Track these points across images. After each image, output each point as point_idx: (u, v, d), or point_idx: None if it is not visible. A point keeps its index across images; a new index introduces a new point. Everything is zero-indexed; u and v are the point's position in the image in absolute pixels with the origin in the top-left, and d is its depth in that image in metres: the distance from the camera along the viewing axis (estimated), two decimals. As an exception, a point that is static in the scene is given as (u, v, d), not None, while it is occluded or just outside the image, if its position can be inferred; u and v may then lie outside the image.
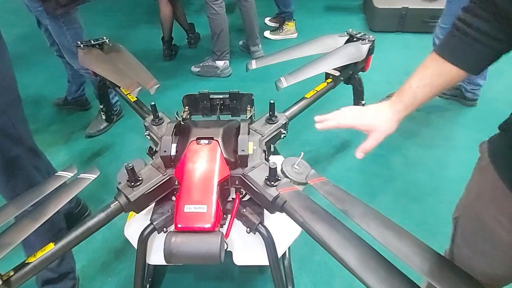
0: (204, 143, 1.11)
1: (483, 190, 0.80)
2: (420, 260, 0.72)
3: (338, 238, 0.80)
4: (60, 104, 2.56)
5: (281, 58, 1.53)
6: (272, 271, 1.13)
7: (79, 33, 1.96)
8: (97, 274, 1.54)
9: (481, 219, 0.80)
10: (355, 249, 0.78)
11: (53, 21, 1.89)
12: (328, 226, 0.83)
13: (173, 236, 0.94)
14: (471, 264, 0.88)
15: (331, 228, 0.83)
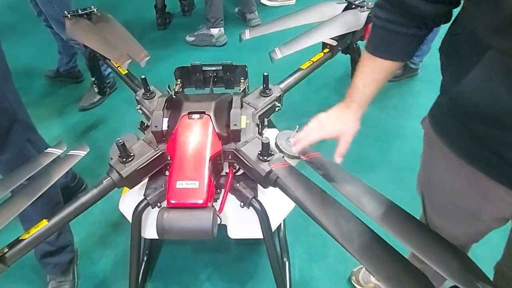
0: (195, 118, 1.09)
1: (437, 163, 0.84)
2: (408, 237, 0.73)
3: (329, 214, 0.80)
4: (52, 76, 2.51)
5: (277, 28, 1.48)
6: (266, 244, 1.14)
7: (65, 2, 1.89)
8: (95, 247, 1.56)
9: (442, 189, 0.85)
10: (346, 225, 0.78)
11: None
12: (320, 202, 0.83)
13: (165, 212, 0.94)
14: (443, 230, 0.92)
15: (323, 204, 0.83)
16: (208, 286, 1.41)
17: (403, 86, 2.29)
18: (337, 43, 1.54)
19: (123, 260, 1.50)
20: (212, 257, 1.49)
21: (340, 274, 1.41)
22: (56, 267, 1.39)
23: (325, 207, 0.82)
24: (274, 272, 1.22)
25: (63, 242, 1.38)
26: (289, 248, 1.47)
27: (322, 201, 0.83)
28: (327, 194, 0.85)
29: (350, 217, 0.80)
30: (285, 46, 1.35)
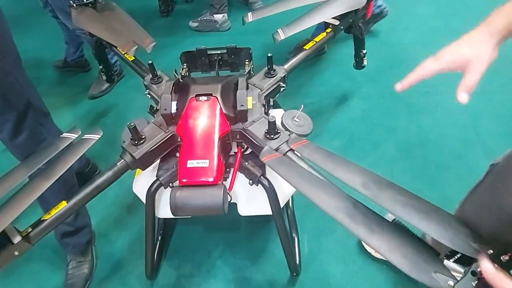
0: (203, 100, 1.12)
1: None
2: (404, 209, 0.75)
3: (326, 199, 0.83)
4: (60, 66, 2.55)
5: (279, 9, 1.49)
6: (275, 219, 1.18)
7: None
8: (111, 229, 1.62)
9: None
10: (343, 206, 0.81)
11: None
12: (314, 187, 0.86)
13: (178, 190, 0.98)
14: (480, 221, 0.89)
15: (318, 189, 0.85)
16: (221, 263, 1.46)
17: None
18: (340, 22, 1.55)
19: (138, 240, 1.56)
20: (224, 236, 1.54)
21: (348, 247, 1.46)
22: (75, 248, 1.45)
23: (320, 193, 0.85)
24: (284, 247, 1.27)
25: (81, 223, 1.44)
26: (297, 224, 1.51)
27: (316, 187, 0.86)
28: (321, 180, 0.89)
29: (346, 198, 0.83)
30: (288, 27, 1.36)
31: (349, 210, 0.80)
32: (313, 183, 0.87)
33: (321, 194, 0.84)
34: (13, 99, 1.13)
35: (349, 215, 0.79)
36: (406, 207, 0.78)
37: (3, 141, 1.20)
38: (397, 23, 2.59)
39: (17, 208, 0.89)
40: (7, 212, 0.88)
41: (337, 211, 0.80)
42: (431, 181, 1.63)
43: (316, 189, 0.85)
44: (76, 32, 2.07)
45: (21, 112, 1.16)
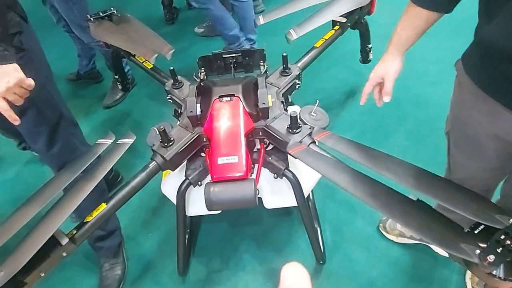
0: (226, 100, 1.19)
1: (464, 99, 0.94)
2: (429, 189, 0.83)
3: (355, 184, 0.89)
4: (73, 79, 2.62)
5: (288, 11, 1.56)
6: (301, 210, 1.24)
7: (84, 7, 1.98)
8: (139, 231, 1.68)
9: (466, 124, 0.94)
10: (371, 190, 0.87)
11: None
12: (342, 174, 0.92)
13: (211, 186, 1.05)
14: (466, 169, 1.04)
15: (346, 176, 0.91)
16: (248, 256, 1.52)
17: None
18: (346, 20, 1.62)
19: (166, 241, 1.63)
20: (249, 230, 1.60)
21: (369, 235, 1.51)
22: (108, 250, 1.52)
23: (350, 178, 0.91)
24: (310, 236, 1.32)
25: (112, 227, 1.51)
26: (319, 215, 1.57)
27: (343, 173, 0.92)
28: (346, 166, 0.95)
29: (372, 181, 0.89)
30: (299, 27, 1.43)
31: (376, 193, 0.86)
32: (339, 169, 0.93)
33: (348, 179, 0.90)
34: (47, 111, 1.19)
35: (376, 197, 0.85)
36: (430, 187, 0.85)
37: (39, 152, 1.27)
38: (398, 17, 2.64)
39: (64, 213, 0.95)
40: (55, 216, 0.95)
41: (365, 194, 0.86)
42: (443, 167, 1.68)
43: (343, 174, 0.91)
44: (91, 45, 2.14)
45: (54, 124, 1.22)
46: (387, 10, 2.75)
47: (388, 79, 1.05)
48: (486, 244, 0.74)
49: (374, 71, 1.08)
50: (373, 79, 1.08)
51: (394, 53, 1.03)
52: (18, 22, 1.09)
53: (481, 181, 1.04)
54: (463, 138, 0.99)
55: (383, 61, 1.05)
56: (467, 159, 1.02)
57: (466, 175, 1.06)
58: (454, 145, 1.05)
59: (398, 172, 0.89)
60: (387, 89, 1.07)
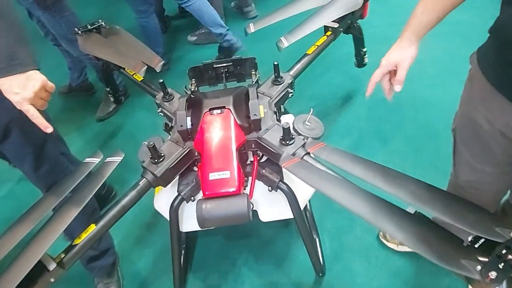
0: (217, 113, 1.16)
1: (474, 94, 0.89)
2: (427, 201, 0.79)
3: (349, 197, 0.85)
4: (65, 92, 2.59)
5: (279, 17, 1.53)
6: (298, 223, 1.20)
7: (72, 20, 1.96)
8: (133, 248, 1.65)
9: (474, 121, 0.90)
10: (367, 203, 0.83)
11: (45, 11, 1.89)
12: (337, 187, 0.88)
13: (203, 203, 1.01)
14: (473, 172, 0.99)
15: (340, 189, 0.88)
16: (246, 270, 1.48)
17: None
18: (338, 25, 1.59)
19: (161, 257, 1.59)
20: (246, 243, 1.57)
21: (369, 243, 1.48)
22: (102, 270, 1.48)
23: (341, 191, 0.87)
24: (308, 249, 1.29)
25: (105, 246, 1.47)
26: (317, 225, 1.54)
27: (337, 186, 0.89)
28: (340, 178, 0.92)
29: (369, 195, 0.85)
30: (290, 34, 1.40)
31: (373, 207, 0.82)
32: (335, 183, 0.90)
33: (344, 193, 0.86)
34: (32, 132, 1.15)
35: (373, 212, 0.81)
36: (426, 199, 0.81)
37: (27, 174, 1.23)
38: (392, 18, 2.62)
39: (51, 237, 0.92)
40: (42, 241, 0.91)
41: (362, 208, 0.82)
42: (443, 172, 1.62)
43: (339, 189, 0.88)
44: (81, 58, 2.12)
45: (40, 144, 1.19)
46: (381, 11, 2.74)
47: (402, 66, 0.96)
48: (487, 258, 0.71)
49: (386, 57, 0.99)
50: (385, 66, 0.99)
51: (412, 38, 0.94)
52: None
53: (489, 185, 1.00)
54: (470, 136, 0.95)
55: (397, 46, 0.97)
56: (474, 158, 0.97)
57: (473, 177, 1.01)
58: (461, 143, 1.00)
59: (395, 184, 0.85)
60: (400, 77, 0.98)
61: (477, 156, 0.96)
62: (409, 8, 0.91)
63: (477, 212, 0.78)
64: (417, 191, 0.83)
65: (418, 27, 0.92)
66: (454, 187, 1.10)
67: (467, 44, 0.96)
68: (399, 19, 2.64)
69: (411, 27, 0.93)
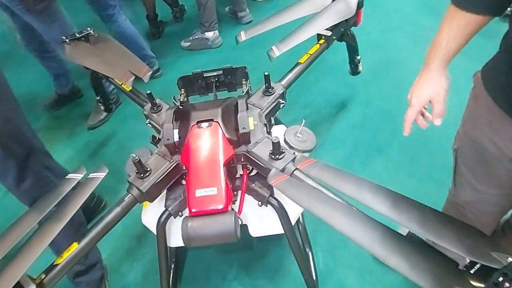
0: (205, 126, 1.12)
1: (478, 115, 0.86)
2: (419, 223, 0.75)
3: (338, 218, 0.81)
4: (52, 104, 2.52)
5: (270, 26, 1.50)
6: (289, 238, 1.17)
7: (66, 23, 1.94)
8: (123, 261, 1.61)
9: (478, 143, 0.87)
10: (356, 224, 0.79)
11: (36, 17, 1.85)
12: (326, 207, 0.85)
13: (188, 221, 0.97)
14: (474, 193, 0.95)
15: (329, 209, 0.84)
16: (237, 285, 1.45)
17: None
18: (332, 33, 1.56)
19: (151, 270, 1.55)
20: (237, 257, 1.53)
21: (363, 258, 1.44)
22: (89, 285, 1.44)
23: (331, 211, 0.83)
24: (300, 265, 1.25)
25: (92, 260, 1.43)
26: (310, 239, 1.50)
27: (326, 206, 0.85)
28: (330, 198, 0.88)
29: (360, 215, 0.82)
30: (282, 43, 1.37)
31: (363, 229, 0.79)
32: (324, 203, 0.86)
33: (333, 213, 0.83)
34: (14, 146, 1.12)
35: (363, 233, 0.78)
36: (420, 220, 0.78)
37: (9, 188, 1.20)
38: (387, 24, 2.60)
39: (30, 257, 0.88)
40: (20, 261, 0.87)
41: (351, 230, 0.79)
42: (439, 182, 1.62)
43: (328, 208, 0.84)
44: None
45: (23, 158, 1.16)
46: (375, 16, 2.72)
47: (438, 100, 0.91)
48: (483, 285, 0.67)
49: (417, 95, 0.92)
50: (418, 105, 0.93)
51: (440, 69, 0.88)
52: None
53: (491, 205, 0.96)
54: (474, 157, 0.91)
55: (427, 80, 0.90)
56: (476, 180, 0.93)
57: (475, 198, 0.98)
58: (463, 164, 0.96)
59: (387, 204, 0.82)
60: (438, 110, 0.91)
61: (480, 178, 0.92)
62: (404, 12, 0.89)
63: (473, 235, 0.74)
64: (409, 211, 0.79)
65: (447, 56, 0.86)
66: (453, 205, 1.06)
67: (464, 54, 0.92)
68: (394, 24, 2.65)
69: (438, 58, 0.87)
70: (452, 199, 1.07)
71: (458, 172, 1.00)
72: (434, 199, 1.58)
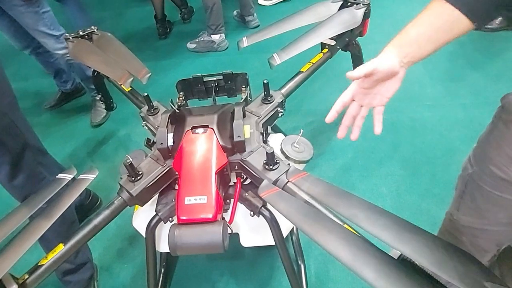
0: (199, 132, 1.10)
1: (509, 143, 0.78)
2: (412, 247, 0.72)
3: (328, 237, 0.78)
4: (56, 104, 2.54)
5: (273, 33, 1.48)
6: (279, 250, 1.14)
7: (52, 16, 1.97)
8: (113, 261, 1.59)
9: (505, 172, 0.80)
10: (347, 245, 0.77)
11: (29, 7, 1.86)
12: (315, 224, 0.82)
13: (176, 228, 0.95)
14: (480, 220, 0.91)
15: (319, 226, 0.81)
16: (226, 293, 1.43)
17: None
18: (336, 42, 1.54)
19: (141, 272, 1.53)
20: (228, 265, 1.50)
21: (356, 273, 1.41)
22: (78, 285, 1.42)
23: (321, 229, 0.80)
24: (290, 278, 1.22)
25: (82, 260, 1.42)
26: (303, 250, 1.47)
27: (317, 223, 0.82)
28: (321, 215, 0.85)
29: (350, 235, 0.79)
30: (284, 51, 1.35)
31: (353, 250, 0.76)
32: (314, 220, 0.84)
33: (323, 232, 0.80)
34: (9, 141, 1.12)
35: (353, 256, 0.75)
36: (412, 244, 0.75)
37: (1, 183, 1.19)
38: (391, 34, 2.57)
39: (15, 255, 0.87)
40: (4, 259, 0.86)
41: (340, 251, 0.76)
42: (440, 199, 1.58)
43: (317, 226, 0.82)
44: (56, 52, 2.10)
45: (17, 154, 1.15)
46: (384, 26, 2.69)
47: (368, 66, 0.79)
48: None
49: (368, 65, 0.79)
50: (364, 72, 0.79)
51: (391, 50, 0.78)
52: None
53: (494, 234, 0.92)
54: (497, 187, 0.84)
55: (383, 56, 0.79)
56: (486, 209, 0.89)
57: (479, 225, 0.93)
58: (478, 190, 0.90)
59: (379, 224, 0.79)
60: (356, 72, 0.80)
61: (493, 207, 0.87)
62: None
63: (467, 262, 0.71)
64: (402, 234, 0.76)
65: (402, 41, 0.76)
66: (450, 229, 1.03)
67: (471, 66, 0.89)
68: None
69: (392, 42, 0.78)
70: (449, 223, 1.03)
71: (465, 198, 0.94)
72: (433, 217, 1.57)
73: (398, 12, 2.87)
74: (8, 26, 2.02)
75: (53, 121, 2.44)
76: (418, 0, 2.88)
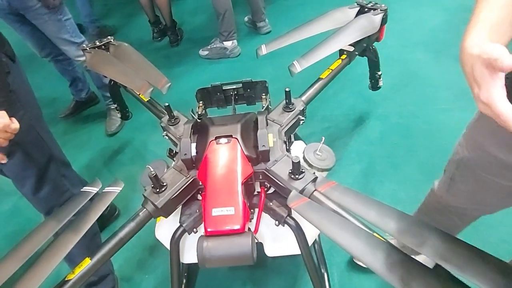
0: (223, 142, 1.10)
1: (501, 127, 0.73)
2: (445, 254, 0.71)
3: (361, 248, 0.77)
4: (71, 112, 2.57)
5: (291, 40, 1.47)
6: (305, 260, 1.13)
7: (73, 23, 2.00)
8: (134, 272, 1.59)
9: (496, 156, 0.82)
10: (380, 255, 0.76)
11: (52, 15, 1.89)
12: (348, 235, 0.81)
13: (204, 241, 0.95)
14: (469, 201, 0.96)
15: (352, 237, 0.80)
16: (249, 303, 1.41)
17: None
18: (354, 48, 1.53)
19: (163, 283, 1.53)
20: (250, 274, 1.50)
21: (378, 279, 1.40)
22: (100, 297, 1.42)
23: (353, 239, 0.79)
24: (315, 287, 1.21)
25: (104, 272, 1.42)
26: (326, 258, 1.46)
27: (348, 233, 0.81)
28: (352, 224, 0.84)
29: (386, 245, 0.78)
30: (304, 58, 1.34)
31: (387, 260, 0.75)
32: (346, 230, 0.83)
33: (356, 242, 0.79)
34: (36, 153, 1.12)
35: (387, 265, 0.74)
36: (451, 255, 0.73)
37: (26, 196, 1.20)
38: (407, 39, 2.56)
39: (45, 270, 0.87)
40: (34, 275, 0.86)
41: (374, 261, 0.75)
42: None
43: (350, 236, 0.81)
44: None
45: (43, 166, 1.16)
46: (396, 31, 2.67)
47: None
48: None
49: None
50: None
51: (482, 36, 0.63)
52: (5, 63, 1.04)
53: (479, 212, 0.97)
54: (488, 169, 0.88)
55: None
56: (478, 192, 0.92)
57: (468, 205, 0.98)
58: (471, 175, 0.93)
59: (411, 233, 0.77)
60: None
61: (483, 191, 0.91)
62: (426, 28, 0.84)
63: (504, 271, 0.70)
64: (440, 245, 0.75)
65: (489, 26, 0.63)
66: (438, 207, 1.04)
67: None
68: (415, 39, 2.61)
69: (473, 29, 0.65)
70: (435, 200, 1.04)
71: (456, 181, 0.98)
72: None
73: (409, 16, 2.85)
74: (31, 34, 2.05)
75: (68, 130, 2.46)
76: (428, 4, 2.90)
